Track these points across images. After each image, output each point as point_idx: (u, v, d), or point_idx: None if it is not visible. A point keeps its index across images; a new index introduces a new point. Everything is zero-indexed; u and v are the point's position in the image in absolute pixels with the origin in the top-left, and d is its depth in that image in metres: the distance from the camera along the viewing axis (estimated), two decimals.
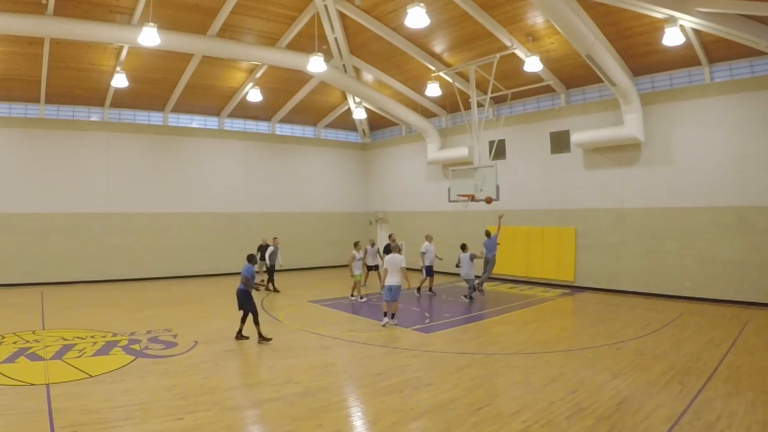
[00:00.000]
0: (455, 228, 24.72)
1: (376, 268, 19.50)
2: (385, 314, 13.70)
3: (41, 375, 8.98)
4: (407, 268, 14.24)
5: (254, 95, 23.05)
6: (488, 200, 17.94)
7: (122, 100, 23.14)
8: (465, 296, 17.63)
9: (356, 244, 18.04)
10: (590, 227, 20.06)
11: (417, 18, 15.20)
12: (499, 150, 21.56)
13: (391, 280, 13.48)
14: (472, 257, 17.59)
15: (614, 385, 8.67)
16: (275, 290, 19.54)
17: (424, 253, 18.77)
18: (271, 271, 20.05)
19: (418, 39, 20.12)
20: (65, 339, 11.73)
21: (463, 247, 17.90)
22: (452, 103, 22.86)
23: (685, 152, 17.63)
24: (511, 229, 22.13)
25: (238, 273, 17.02)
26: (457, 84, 20.40)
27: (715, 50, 16.68)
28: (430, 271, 18.85)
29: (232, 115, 26.57)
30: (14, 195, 20.93)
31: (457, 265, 18.06)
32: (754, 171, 16.07)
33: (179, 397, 8.07)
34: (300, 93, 25.49)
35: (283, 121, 28.42)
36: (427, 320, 14.30)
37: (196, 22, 18.31)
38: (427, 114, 26.05)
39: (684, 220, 17.57)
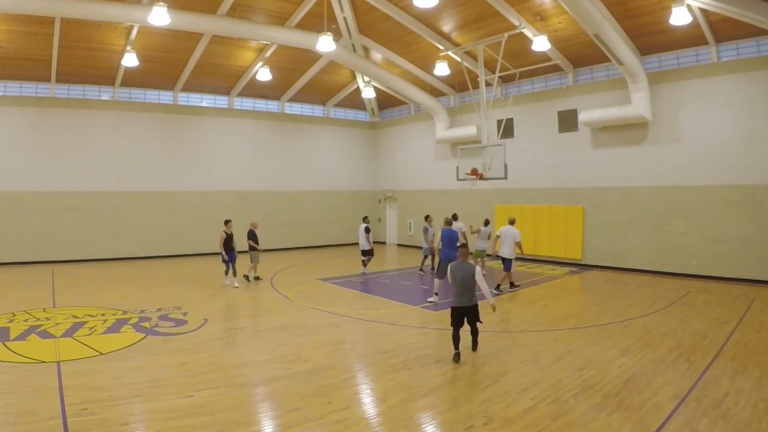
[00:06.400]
0: (463, 206, 24.70)
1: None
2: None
3: (52, 352, 9.10)
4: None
5: (264, 74, 23.01)
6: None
7: (132, 79, 23.12)
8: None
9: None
10: (598, 205, 20.03)
11: None
12: (507, 129, 21.51)
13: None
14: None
15: (622, 362, 8.72)
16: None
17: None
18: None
19: (427, 18, 19.94)
20: (76, 317, 11.87)
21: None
22: (460, 82, 22.70)
23: (692, 131, 17.57)
24: (519, 207, 22.22)
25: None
26: (465, 63, 20.27)
27: (722, 29, 16.51)
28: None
29: (241, 94, 26.53)
30: (25, 173, 21.04)
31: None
32: (761, 149, 16.03)
33: (189, 375, 8.17)
34: (309, 72, 25.38)
35: (292, 100, 28.36)
36: (435, 297, 14.15)
37: (206, 1, 18.19)
38: (435, 93, 25.93)
39: (691, 198, 17.55)
